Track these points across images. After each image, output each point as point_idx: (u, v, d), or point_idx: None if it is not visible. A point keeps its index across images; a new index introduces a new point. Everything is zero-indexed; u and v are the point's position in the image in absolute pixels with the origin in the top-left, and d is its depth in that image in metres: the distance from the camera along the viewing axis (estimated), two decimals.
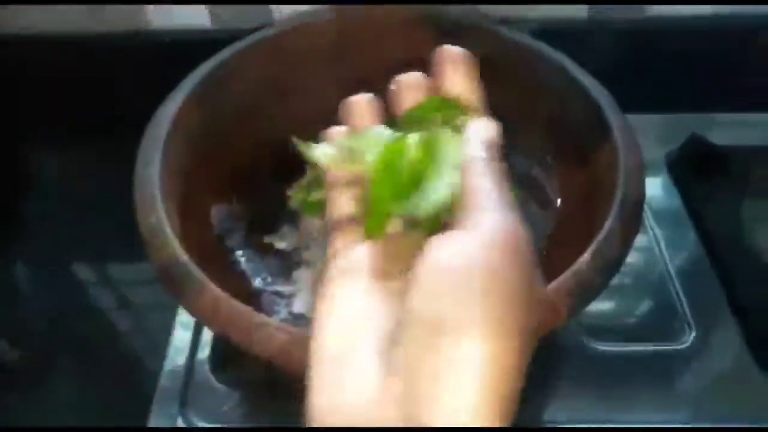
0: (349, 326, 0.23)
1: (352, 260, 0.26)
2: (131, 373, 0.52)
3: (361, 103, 0.31)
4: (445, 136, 0.27)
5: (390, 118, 0.31)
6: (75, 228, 0.60)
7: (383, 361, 0.21)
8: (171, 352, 0.48)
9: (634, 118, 0.44)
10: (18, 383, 0.51)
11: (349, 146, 0.29)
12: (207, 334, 0.49)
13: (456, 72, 0.31)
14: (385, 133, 0.29)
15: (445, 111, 0.30)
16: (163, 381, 0.46)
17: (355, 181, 0.29)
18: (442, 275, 0.21)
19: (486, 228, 0.22)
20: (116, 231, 0.56)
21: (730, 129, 0.64)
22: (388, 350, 0.21)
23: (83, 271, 0.59)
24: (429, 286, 0.21)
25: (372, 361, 0.21)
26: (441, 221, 0.26)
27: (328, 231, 0.29)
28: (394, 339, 0.21)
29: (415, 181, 0.27)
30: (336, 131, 0.31)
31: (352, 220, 0.28)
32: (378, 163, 0.27)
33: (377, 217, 0.27)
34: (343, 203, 0.29)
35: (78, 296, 0.57)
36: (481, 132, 0.27)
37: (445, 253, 0.22)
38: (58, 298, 0.57)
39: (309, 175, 0.54)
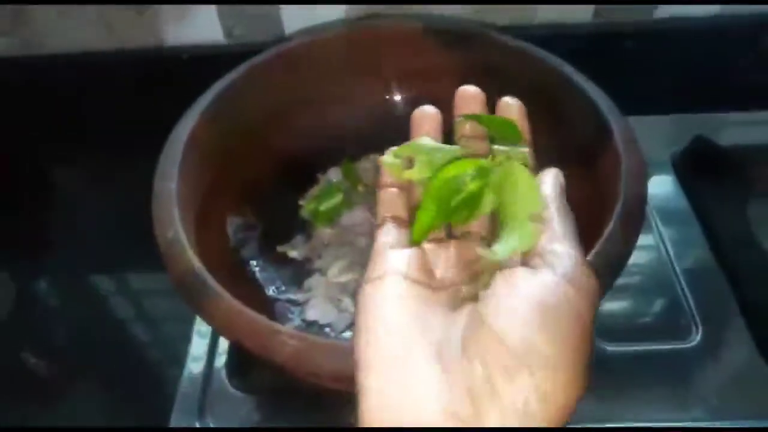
0: (403, 331, 0.24)
1: (399, 262, 0.27)
2: (151, 381, 0.53)
3: (425, 115, 0.32)
4: (514, 168, 0.28)
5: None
6: (95, 241, 0.62)
7: (444, 369, 0.22)
8: (189, 360, 0.49)
9: (639, 120, 0.45)
10: (44, 392, 0.53)
11: (407, 155, 0.30)
12: (224, 343, 0.50)
13: (510, 110, 0.32)
14: (442, 148, 0.30)
15: (502, 129, 0.31)
16: (182, 388, 0.48)
17: (406, 187, 0.30)
18: (534, 309, 0.22)
19: (567, 269, 0.24)
20: (135, 243, 0.58)
21: (735, 129, 0.64)
22: (450, 358, 0.23)
23: (104, 283, 0.61)
24: (518, 315, 0.22)
25: (433, 367, 0.22)
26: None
27: (375, 226, 0.30)
28: (463, 348, 0.23)
29: (467, 205, 0.28)
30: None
31: (399, 220, 0.29)
32: (433, 181, 0.28)
33: (422, 227, 0.28)
34: (393, 204, 0.30)
35: (99, 307, 0.58)
36: (556, 178, 0.28)
37: (536, 288, 0.23)
38: (79, 309, 0.59)
39: (320, 185, 0.56)
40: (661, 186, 0.60)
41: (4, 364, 0.54)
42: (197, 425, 0.45)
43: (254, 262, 0.50)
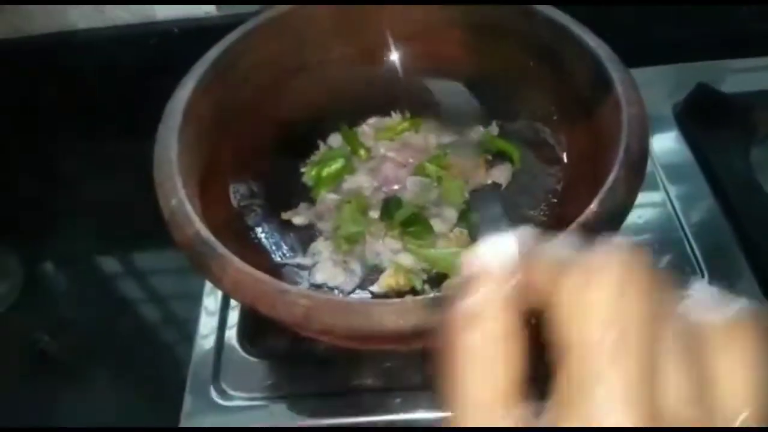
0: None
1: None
2: (163, 355, 0.54)
3: None
4: None
5: None
6: (101, 223, 0.62)
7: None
8: (199, 336, 0.49)
9: (641, 71, 0.44)
10: (60, 372, 0.54)
11: None
12: (233, 316, 0.50)
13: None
14: None
15: None
16: (196, 358, 0.48)
17: None
18: None
19: None
20: (140, 224, 0.59)
21: (737, 76, 0.63)
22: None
23: (111, 265, 0.61)
24: None
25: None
26: None
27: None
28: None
29: None
30: None
31: None
32: None
33: None
34: None
35: (106, 288, 0.59)
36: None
37: None
38: (87, 290, 0.59)
39: (321, 151, 0.56)
40: (664, 139, 0.60)
41: (16, 346, 0.55)
42: (212, 391, 0.46)
43: (259, 229, 0.50)
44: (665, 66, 0.65)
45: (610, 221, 0.36)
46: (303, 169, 0.55)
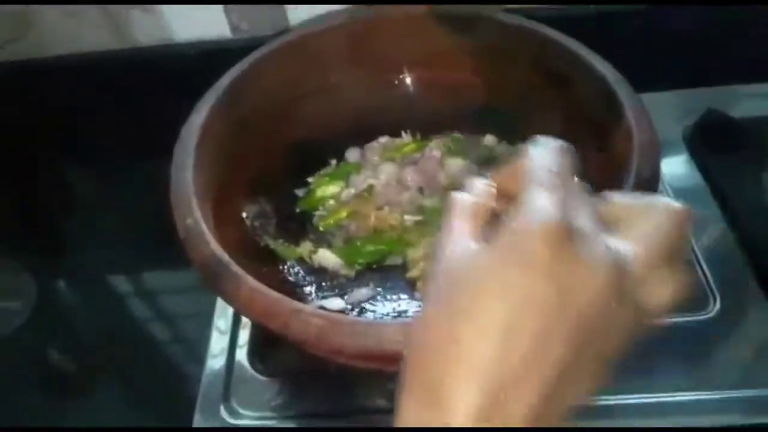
0: None
1: None
2: (173, 373, 0.54)
3: None
4: None
5: None
6: (114, 241, 0.63)
7: None
8: (210, 355, 0.50)
9: (650, 97, 0.45)
10: (72, 389, 0.54)
11: None
12: (244, 335, 0.50)
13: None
14: None
15: None
16: (206, 377, 0.48)
17: None
18: None
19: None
20: (152, 244, 0.59)
21: (746, 101, 0.64)
22: None
23: (122, 284, 0.61)
24: None
25: None
26: None
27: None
28: None
29: None
30: None
31: None
32: None
33: None
34: None
35: (118, 306, 0.59)
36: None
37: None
38: (99, 308, 0.60)
39: (330, 168, 0.57)
40: (674, 164, 0.60)
41: (28, 362, 0.55)
42: (222, 410, 0.46)
43: (273, 249, 0.50)
44: (675, 91, 0.65)
45: None
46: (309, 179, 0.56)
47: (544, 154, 0.25)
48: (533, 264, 0.21)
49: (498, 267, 0.22)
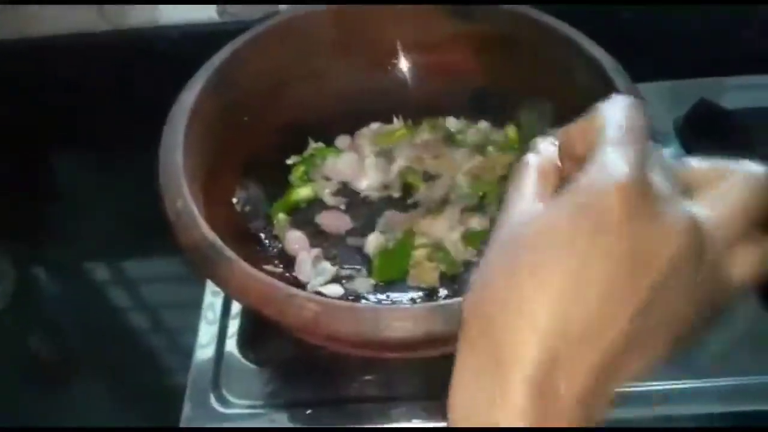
0: None
1: None
2: (158, 365, 0.53)
3: None
4: None
5: None
6: (95, 231, 0.61)
7: None
8: (198, 345, 0.49)
9: (642, 87, 0.45)
10: (53, 377, 0.53)
11: None
12: (234, 325, 0.50)
13: None
14: None
15: None
16: (195, 366, 0.48)
17: None
18: None
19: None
20: (138, 231, 0.58)
21: (738, 92, 0.64)
22: None
23: (103, 272, 0.60)
24: None
25: None
26: None
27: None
28: None
29: None
30: None
31: None
32: None
33: None
34: None
35: (100, 294, 0.58)
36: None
37: None
38: (80, 296, 0.59)
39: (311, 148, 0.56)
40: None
41: (7, 351, 0.54)
42: (212, 398, 0.45)
43: (262, 234, 0.50)
44: (666, 81, 0.65)
45: None
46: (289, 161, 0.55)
47: (617, 110, 0.23)
48: (605, 221, 0.20)
49: (566, 223, 0.20)
